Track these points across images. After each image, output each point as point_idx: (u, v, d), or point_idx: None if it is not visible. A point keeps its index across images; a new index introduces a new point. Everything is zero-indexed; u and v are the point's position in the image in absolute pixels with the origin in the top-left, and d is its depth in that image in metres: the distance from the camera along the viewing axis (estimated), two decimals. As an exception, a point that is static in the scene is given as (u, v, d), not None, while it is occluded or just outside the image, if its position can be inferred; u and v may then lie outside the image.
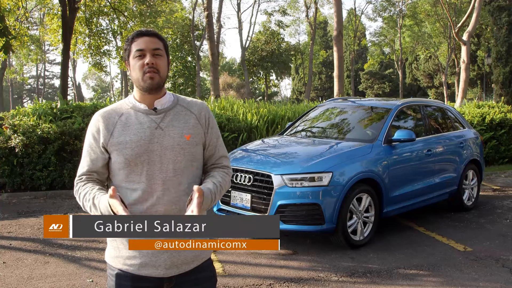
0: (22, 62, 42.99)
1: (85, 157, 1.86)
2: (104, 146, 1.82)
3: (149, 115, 1.84)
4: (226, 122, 8.33)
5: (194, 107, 1.93)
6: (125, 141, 1.80)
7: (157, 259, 1.79)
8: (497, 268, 4.39)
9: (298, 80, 48.56)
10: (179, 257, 1.82)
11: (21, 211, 6.39)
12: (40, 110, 7.95)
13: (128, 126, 1.82)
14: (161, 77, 1.82)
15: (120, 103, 1.91)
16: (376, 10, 36.60)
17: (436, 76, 38.84)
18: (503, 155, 10.47)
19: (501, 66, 23.06)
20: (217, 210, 5.24)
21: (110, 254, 1.88)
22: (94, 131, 1.84)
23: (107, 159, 1.84)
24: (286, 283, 3.98)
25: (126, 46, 1.85)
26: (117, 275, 1.84)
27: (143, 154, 1.79)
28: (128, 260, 1.81)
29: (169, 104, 1.89)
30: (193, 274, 1.87)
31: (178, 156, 1.83)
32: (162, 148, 1.81)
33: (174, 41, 32.54)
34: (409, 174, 5.57)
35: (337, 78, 14.96)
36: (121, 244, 1.82)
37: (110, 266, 1.88)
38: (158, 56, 1.81)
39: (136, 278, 1.81)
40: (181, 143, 1.83)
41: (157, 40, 1.83)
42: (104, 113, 1.86)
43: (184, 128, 1.86)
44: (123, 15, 18.39)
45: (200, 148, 1.91)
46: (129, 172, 1.80)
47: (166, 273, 1.81)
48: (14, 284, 3.93)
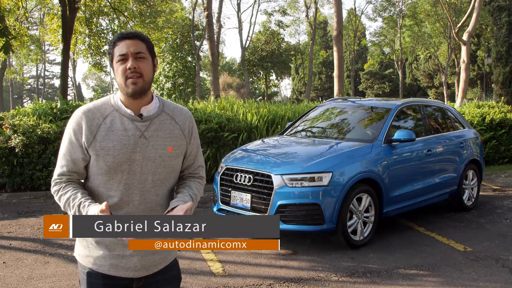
0: (22, 62, 43.00)
1: (65, 155, 1.79)
2: (85, 147, 1.77)
3: (135, 121, 1.80)
4: (226, 122, 8.33)
5: (179, 116, 1.91)
6: (108, 147, 1.76)
7: (127, 261, 1.81)
8: (497, 268, 4.40)
9: (298, 80, 48.56)
10: (148, 260, 1.84)
11: (21, 211, 6.39)
12: (40, 110, 7.94)
13: (112, 131, 1.77)
14: (145, 81, 1.77)
15: (104, 102, 1.84)
16: (376, 10, 36.61)
17: (436, 76, 38.84)
18: (503, 155, 10.47)
19: (501, 66, 23.05)
20: (217, 210, 5.24)
21: (80, 253, 1.87)
22: (76, 129, 1.78)
23: (88, 161, 1.80)
24: (286, 283, 3.98)
25: (110, 50, 1.80)
26: (88, 273, 1.85)
27: (124, 163, 1.77)
28: (98, 260, 1.82)
29: (155, 111, 1.85)
30: (161, 275, 1.90)
31: (158, 168, 1.82)
32: (144, 158, 1.79)
33: (174, 41, 32.54)
34: (409, 174, 5.57)
35: (337, 78, 14.97)
36: (91, 244, 1.82)
37: (80, 264, 1.88)
38: (141, 59, 1.76)
39: (106, 276, 1.83)
40: (163, 155, 1.83)
41: (139, 43, 1.77)
42: (88, 112, 1.79)
43: (167, 139, 1.85)
44: (123, 15, 18.39)
45: (180, 159, 1.91)
46: (108, 179, 1.78)
47: (135, 274, 1.84)
48: (14, 284, 3.93)
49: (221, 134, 8.11)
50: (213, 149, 8.02)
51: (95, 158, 1.77)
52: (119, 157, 1.76)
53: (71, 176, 1.81)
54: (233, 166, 5.12)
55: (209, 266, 4.35)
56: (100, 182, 1.79)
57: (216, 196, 5.27)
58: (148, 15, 19.62)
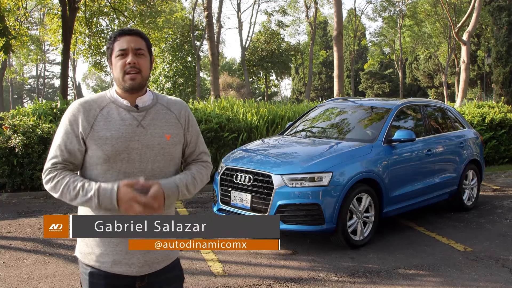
0: (22, 62, 42.99)
1: (60, 145, 1.77)
2: (83, 138, 1.77)
3: (131, 112, 1.82)
4: (226, 122, 8.33)
5: (174, 106, 1.93)
6: (106, 136, 1.76)
7: (131, 257, 1.78)
8: (497, 268, 4.39)
9: (298, 80, 48.55)
10: (151, 256, 1.81)
11: (21, 211, 6.39)
12: (40, 110, 7.95)
13: (110, 121, 1.78)
14: (143, 77, 1.81)
15: (101, 95, 1.87)
16: (376, 10, 36.62)
17: (436, 76, 38.84)
18: (503, 155, 10.47)
19: (501, 66, 23.06)
20: (217, 210, 5.24)
21: (82, 251, 1.85)
22: (72, 120, 1.78)
23: (84, 152, 1.78)
24: (286, 283, 3.98)
25: (109, 44, 1.84)
26: (91, 274, 1.81)
27: (123, 151, 1.76)
28: (100, 257, 1.79)
29: (150, 102, 1.88)
30: (163, 274, 1.88)
31: (157, 156, 1.82)
32: (143, 146, 1.79)
33: (174, 41, 32.54)
34: (409, 174, 5.57)
35: (337, 78, 14.97)
36: (93, 241, 1.79)
37: (82, 264, 1.85)
38: (140, 55, 1.80)
39: (109, 275, 1.79)
40: (161, 143, 1.83)
41: (139, 40, 1.81)
42: (85, 103, 1.80)
43: (164, 127, 1.86)
44: (123, 15, 18.39)
45: (179, 148, 1.91)
46: (107, 168, 1.76)
47: (139, 271, 1.80)
48: (14, 284, 3.93)
49: (221, 134, 8.12)
50: (213, 149, 8.02)
51: (93, 148, 1.76)
52: (117, 145, 1.76)
53: (66, 166, 1.77)
54: (233, 166, 5.12)
55: (209, 266, 4.35)
56: (99, 172, 1.77)
57: (216, 196, 5.27)
58: (148, 15, 19.63)
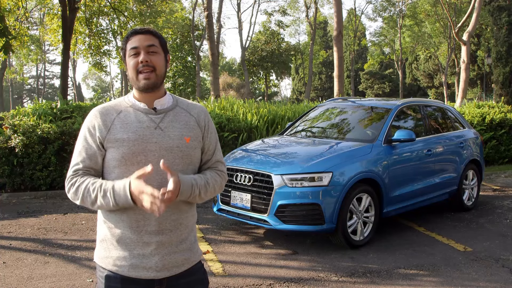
0: (22, 62, 42.95)
1: (81, 152, 1.79)
2: (101, 142, 1.76)
3: (149, 114, 1.80)
4: (226, 122, 8.33)
5: (194, 110, 1.90)
6: (123, 138, 1.74)
7: (148, 261, 1.75)
8: (497, 268, 4.39)
9: (298, 80, 48.55)
10: (170, 260, 1.78)
11: (21, 211, 6.39)
12: (40, 110, 7.95)
13: (127, 124, 1.77)
14: (157, 75, 1.78)
15: (119, 101, 1.86)
16: (376, 10, 36.62)
17: (436, 76, 38.84)
18: (503, 155, 10.47)
19: (501, 66, 23.07)
20: (217, 210, 5.24)
21: (100, 255, 1.83)
22: (90, 126, 1.78)
23: (103, 155, 1.78)
24: (286, 283, 3.98)
25: (123, 45, 1.82)
26: (107, 277, 1.78)
27: (140, 153, 1.74)
28: (118, 261, 1.76)
29: (169, 105, 1.85)
30: (184, 278, 1.83)
31: (176, 159, 1.78)
32: (161, 149, 1.76)
33: (174, 41, 32.55)
34: (409, 174, 5.57)
35: (337, 78, 14.96)
36: (111, 244, 1.77)
37: (99, 268, 1.83)
38: (153, 53, 1.77)
39: (126, 280, 1.76)
40: (180, 145, 1.79)
41: (152, 37, 1.79)
42: (102, 109, 1.81)
43: (184, 129, 1.82)
44: (123, 15, 18.40)
45: (198, 152, 1.87)
46: (125, 171, 1.74)
47: (156, 275, 1.76)
48: (14, 284, 3.93)
49: (221, 134, 8.11)
50: (213, 149, 8.01)
51: (110, 151, 1.75)
52: (134, 148, 1.73)
53: (87, 171, 1.78)
54: (233, 166, 5.11)
55: (209, 266, 4.35)
56: (116, 175, 1.76)
57: (216, 196, 5.27)
58: (148, 15, 19.64)
